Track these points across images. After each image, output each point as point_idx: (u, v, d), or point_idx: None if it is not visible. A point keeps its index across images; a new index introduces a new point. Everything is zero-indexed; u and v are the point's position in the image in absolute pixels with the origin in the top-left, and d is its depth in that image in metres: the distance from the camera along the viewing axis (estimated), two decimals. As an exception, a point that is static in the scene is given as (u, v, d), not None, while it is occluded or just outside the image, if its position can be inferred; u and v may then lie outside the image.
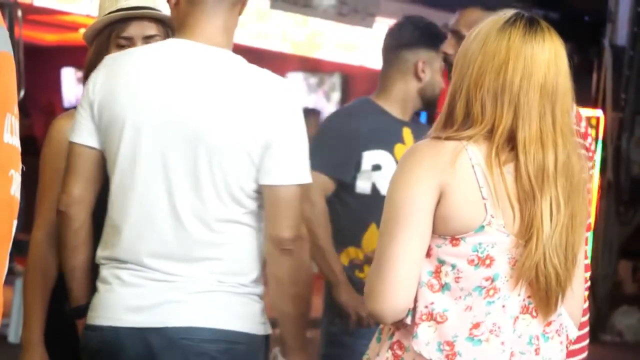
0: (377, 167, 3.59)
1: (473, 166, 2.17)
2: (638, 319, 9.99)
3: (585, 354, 2.87)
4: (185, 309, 2.48)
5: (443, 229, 2.17)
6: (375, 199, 3.55)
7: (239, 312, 2.52)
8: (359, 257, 3.61)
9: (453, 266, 2.17)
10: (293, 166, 2.53)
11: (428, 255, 2.19)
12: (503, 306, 2.18)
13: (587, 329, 2.86)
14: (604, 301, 10.32)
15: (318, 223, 3.54)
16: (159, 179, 2.51)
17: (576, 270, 2.25)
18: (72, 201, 2.61)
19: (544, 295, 2.20)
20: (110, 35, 2.87)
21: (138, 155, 2.52)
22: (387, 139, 3.62)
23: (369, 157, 3.59)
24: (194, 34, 2.56)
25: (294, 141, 2.54)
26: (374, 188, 3.60)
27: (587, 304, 2.83)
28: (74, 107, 2.96)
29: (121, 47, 2.84)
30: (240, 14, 2.64)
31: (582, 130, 2.77)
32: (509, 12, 2.27)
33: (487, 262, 2.17)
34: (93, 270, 2.66)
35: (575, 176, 2.21)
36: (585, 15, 11.02)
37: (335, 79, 12.45)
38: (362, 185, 3.60)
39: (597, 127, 10.06)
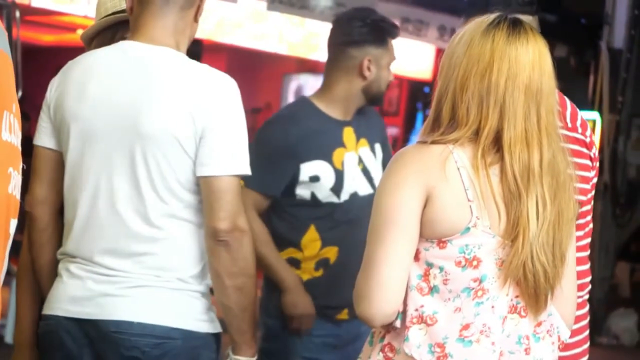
0: (315, 179, 3.49)
1: (459, 169, 2.18)
2: (635, 322, 10.00)
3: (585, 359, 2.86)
4: (117, 303, 2.53)
5: (430, 233, 2.19)
6: (315, 204, 3.51)
7: (173, 308, 2.54)
8: (297, 257, 3.54)
9: (441, 268, 2.19)
10: (227, 157, 2.52)
11: (417, 258, 2.20)
12: (492, 307, 2.19)
13: (586, 333, 2.84)
14: (601, 303, 10.33)
15: (259, 242, 3.41)
16: (101, 175, 2.57)
17: (565, 268, 2.26)
18: (35, 202, 2.68)
19: (532, 294, 2.21)
20: (114, 36, 2.90)
21: (84, 153, 2.59)
22: (326, 147, 3.51)
23: (307, 169, 3.48)
24: (141, 35, 2.62)
25: (228, 132, 2.53)
26: (313, 196, 3.51)
27: (587, 308, 2.82)
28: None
29: None
30: (196, 18, 2.66)
31: (588, 140, 2.76)
32: (492, 15, 2.28)
33: (474, 263, 2.18)
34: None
35: (562, 174, 2.23)
36: (582, 18, 11.04)
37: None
38: (301, 194, 3.50)
39: (593, 130, 10.07)
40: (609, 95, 10.51)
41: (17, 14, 6.89)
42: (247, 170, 2.56)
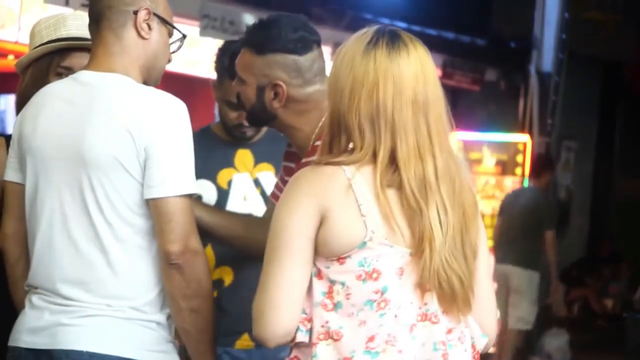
0: (198, 197, 3.44)
1: (351, 185, 2.20)
2: (566, 341, 10.11)
3: None
4: (69, 333, 2.51)
5: (328, 252, 2.21)
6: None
7: (123, 338, 2.51)
8: None
9: (343, 284, 2.21)
10: (173, 177, 2.49)
11: (319, 276, 2.23)
12: (395, 316, 2.22)
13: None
14: (534, 323, 10.43)
15: None
16: (54, 205, 2.55)
17: (480, 275, 2.30)
18: (5, 237, 2.69)
19: (451, 300, 2.24)
20: (50, 64, 2.89)
21: (37, 184, 2.58)
22: (210, 166, 3.50)
23: None
24: (91, 64, 2.62)
25: (172, 151, 2.50)
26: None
27: None
28: (-3, 134, 2.99)
29: (60, 76, 2.88)
30: (140, 35, 2.60)
31: None
32: (369, 31, 2.29)
33: (374, 275, 2.20)
34: None
35: (457, 178, 2.26)
36: (511, 42, 11.20)
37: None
38: None
39: (524, 152, 10.21)
40: (538, 118, 10.67)
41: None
42: (194, 190, 2.54)
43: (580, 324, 11.45)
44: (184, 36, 2.73)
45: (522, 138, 10.37)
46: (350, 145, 2.25)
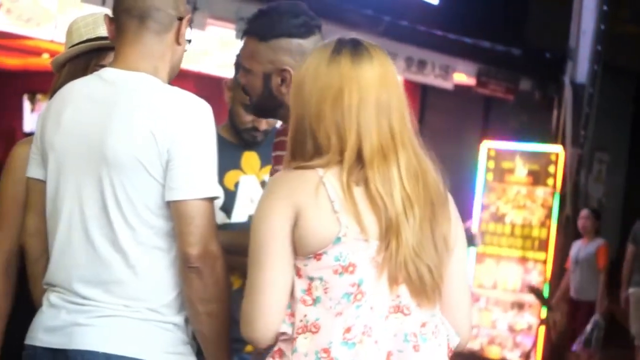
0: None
1: (324, 184, 2.27)
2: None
3: None
4: (85, 333, 2.50)
5: (304, 249, 2.27)
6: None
7: (140, 339, 2.50)
8: None
9: (321, 279, 2.27)
10: (195, 180, 2.48)
11: (299, 275, 2.29)
12: (371, 307, 2.27)
13: None
14: (561, 336, 10.38)
15: None
16: (74, 203, 2.54)
17: (454, 276, 2.36)
18: (27, 234, 2.68)
19: (421, 290, 2.30)
20: (88, 62, 2.89)
21: (58, 182, 2.57)
22: (218, 168, 3.50)
23: None
24: (118, 62, 2.60)
25: (195, 154, 2.49)
26: None
27: None
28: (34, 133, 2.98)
29: None
30: (178, 41, 2.63)
31: None
32: (331, 41, 2.36)
33: (350, 269, 2.26)
34: None
35: (420, 171, 2.33)
36: (546, 53, 11.16)
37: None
38: None
39: (556, 163, 10.17)
40: (571, 129, 10.62)
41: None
42: (216, 193, 2.53)
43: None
44: (189, 41, 2.73)
45: (555, 149, 10.31)
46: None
